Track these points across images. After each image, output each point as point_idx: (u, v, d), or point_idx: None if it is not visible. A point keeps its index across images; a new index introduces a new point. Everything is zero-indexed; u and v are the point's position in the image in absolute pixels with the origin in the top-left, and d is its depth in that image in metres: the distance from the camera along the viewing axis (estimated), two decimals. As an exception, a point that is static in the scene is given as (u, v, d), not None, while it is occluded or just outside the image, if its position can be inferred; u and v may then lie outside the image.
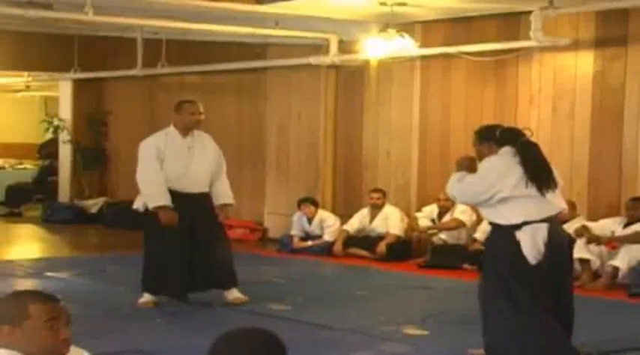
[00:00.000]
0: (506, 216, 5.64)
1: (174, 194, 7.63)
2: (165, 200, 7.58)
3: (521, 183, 5.61)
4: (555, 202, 5.78)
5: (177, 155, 7.71)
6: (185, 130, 7.78)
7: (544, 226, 5.59)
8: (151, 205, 7.64)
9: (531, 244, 5.54)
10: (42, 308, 2.86)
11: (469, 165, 5.91)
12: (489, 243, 5.98)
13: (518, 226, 5.58)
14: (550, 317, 5.61)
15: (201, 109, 7.84)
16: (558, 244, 5.68)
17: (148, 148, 7.76)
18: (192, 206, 7.64)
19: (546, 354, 5.62)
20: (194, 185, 7.75)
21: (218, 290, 7.86)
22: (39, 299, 2.88)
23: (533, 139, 5.89)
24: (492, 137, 5.81)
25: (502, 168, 5.67)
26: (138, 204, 7.89)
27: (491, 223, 5.90)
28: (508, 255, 5.61)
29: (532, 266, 5.55)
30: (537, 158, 5.74)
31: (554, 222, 5.73)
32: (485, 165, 5.75)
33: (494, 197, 5.64)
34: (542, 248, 5.56)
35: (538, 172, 5.67)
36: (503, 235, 5.65)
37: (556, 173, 5.85)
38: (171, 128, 7.84)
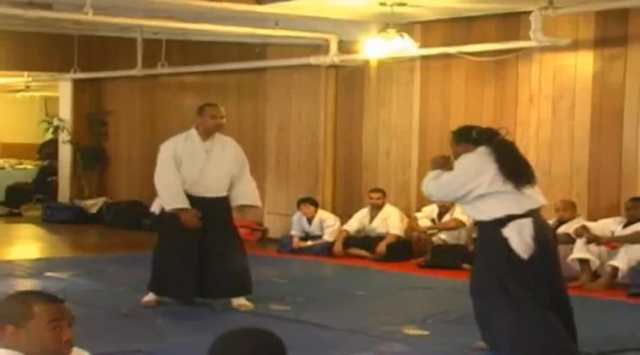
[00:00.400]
0: (484, 211, 5.77)
1: (189, 198, 7.56)
2: (183, 202, 7.52)
3: (497, 179, 5.71)
4: (535, 197, 5.85)
5: (194, 159, 7.63)
6: (206, 134, 7.68)
7: (528, 221, 5.67)
8: (168, 207, 7.57)
9: (519, 239, 5.61)
10: (46, 309, 2.86)
11: (444, 164, 6.02)
12: (479, 242, 6.07)
13: (503, 222, 5.66)
14: (551, 315, 5.64)
15: (223, 113, 7.74)
16: (545, 239, 5.76)
17: (165, 151, 7.68)
18: (206, 211, 7.56)
19: (548, 353, 5.63)
20: (210, 190, 7.66)
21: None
22: (43, 300, 2.88)
23: (509, 138, 6.06)
24: (469, 138, 5.94)
25: (478, 165, 5.78)
26: (155, 207, 7.86)
27: (478, 223, 6.00)
28: (500, 254, 5.67)
29: (525, 263, 5.60)
30: (513, 155, 5.88)
31: (538, 216, 5.80)
32: (461, 163, 5.86)
33: (470, 194, 5.76)
34: (530, 242, 5.62)
35: (514, 169, 5.78)
36: (491, 233, 5.75)
37: (534, 169, 5.95)
38: (193, 131, 7.73)
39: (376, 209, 11.31)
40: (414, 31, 10.89)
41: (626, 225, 9.05)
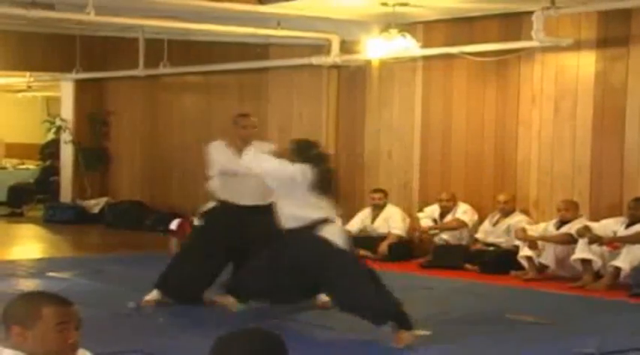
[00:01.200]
0: (300, 216, 6.72)
1: (232, 206, 7.70)
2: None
3: (305, 194, 6.69)
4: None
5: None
6: (241, 143, 7.79)
7: (338, 223, 6.94)
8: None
9: (337, 237, 6.72)
10: (54, 312, 2.85)
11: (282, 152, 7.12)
12: (291, 242, 6.85)
13: (320, 223, 6.73)
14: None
15: (254, 123, 7.98)
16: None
17: (216, 150, 7.89)
18: (245, 219, 7.66)
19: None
20: (249, 198, 7.71)
21: (219, 291, 7.84)
22: (52, 302, 2.88)
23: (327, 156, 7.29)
24: (305, 155, 6.79)
25: (298, 178, 6.65)
26: (173, 225, 7.97)
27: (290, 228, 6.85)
28: (317, 250, 6.68)
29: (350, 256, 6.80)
30: (330, 183, 7.04)
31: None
32: (291, 169, 6.72)
33: (281, 192, 6.80)
34: (344, 238, 6.83)
35: (326, 191, 6.88)
36: (304, 233, 6.73)
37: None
38: (230, 140, 7.89)
39: (378, 209, 11.30)
40: (415, 31, 10.87)
41: (628, 225, 9.04)
